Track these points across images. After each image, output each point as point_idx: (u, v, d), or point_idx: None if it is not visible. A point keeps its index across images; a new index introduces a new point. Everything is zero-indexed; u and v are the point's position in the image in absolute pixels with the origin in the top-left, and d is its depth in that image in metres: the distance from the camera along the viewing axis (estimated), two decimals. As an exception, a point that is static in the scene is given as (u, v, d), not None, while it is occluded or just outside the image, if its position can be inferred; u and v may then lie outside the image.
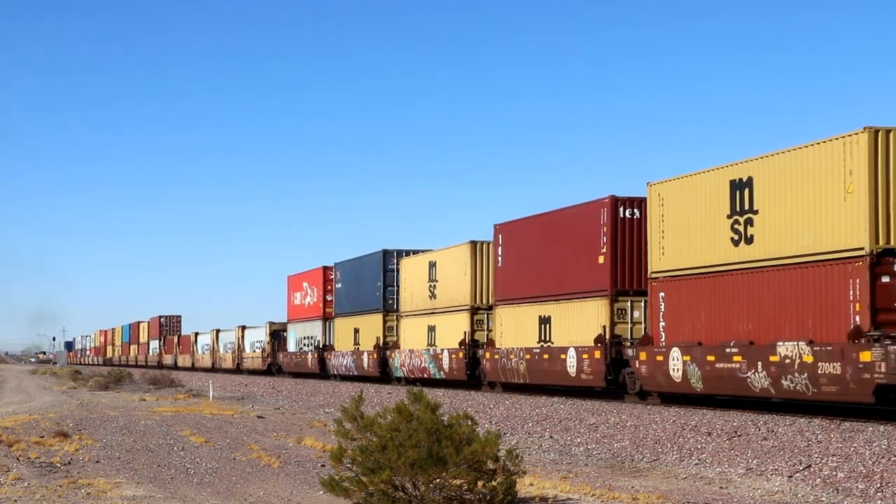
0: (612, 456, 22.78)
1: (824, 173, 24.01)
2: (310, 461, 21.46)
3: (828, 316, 23.96)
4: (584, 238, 33.22)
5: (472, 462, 13.49)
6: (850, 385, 23.04)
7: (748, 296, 26.47)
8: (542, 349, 35.54)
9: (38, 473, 19.53)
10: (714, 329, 27.65)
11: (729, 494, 17.14)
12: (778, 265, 25.51)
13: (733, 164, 27.15)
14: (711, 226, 27.68)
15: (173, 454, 22.87)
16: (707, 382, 27.50)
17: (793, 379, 24.52)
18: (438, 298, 45.31)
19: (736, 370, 26.34)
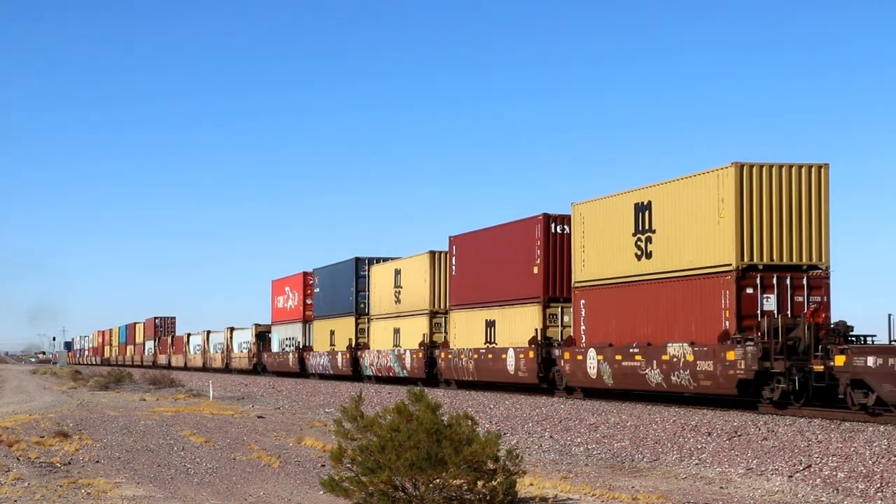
0: (613, 456, 22.79)
1: (704, 200, 28.60)
2: (310, 461, 21.49)
3: (706, 321, 28.33)
4: (522, 251, 37.47)
5: (472, 462, 13.48)
6: (720, 380, 27.38)
7: (648, 303, 30.78)
8: (487, 350, 39.99)
9: (39, 473, 19.59)
10: (622, 332, 31.90)
11: (729, 494, 17.14)
12: (670, 277, 29.91)
13: (637, 189, 31.61)
14: (620, 242, 32.04)
15: (173, 454, 22.90)
16: (616, 378, 31.83)
17: (679, 375, 28.83)
18: (403, 303, 49.86)
19: (637, 368, 30.58)
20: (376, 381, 50.77)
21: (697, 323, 28.57)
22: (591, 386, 33.45)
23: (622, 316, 31.82)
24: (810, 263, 27.59)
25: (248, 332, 79.40)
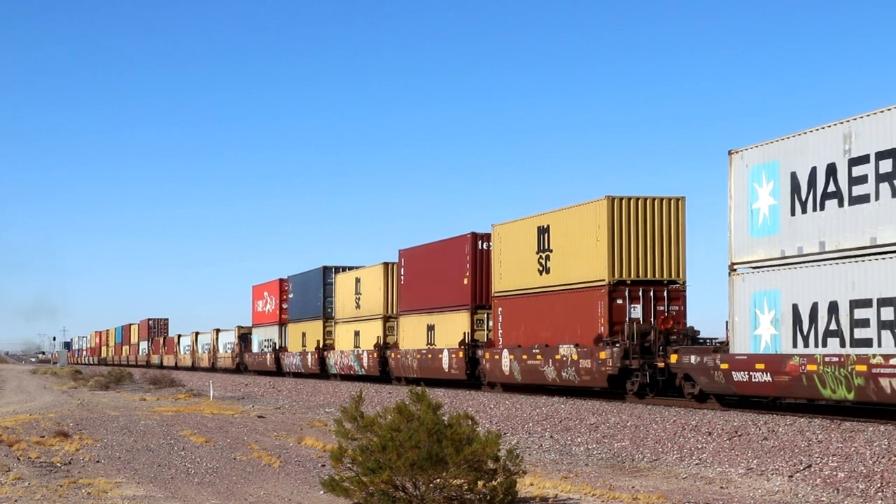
0: (613, 456, 22.59)
1: (586, 226, 33.96)
2: (310, 461, 21.42)
3: (587, 326, 33.63)
4: (455, 264, 43.08)
5: (473, 462, 13.47)
6: (595, 375, 32.81)
7: (547, 311, 36.06)
8: (428, 350, 45.63)
9: (39, 473, 19.60)
10: (529, 336, 37.16)
11: (729, 494, 17.05)
12: (562, 289, 35.21)
13: (539, 214, 37.20)
14: (527, 259, 37.41)
15: (174, 454, 22.84)
16: (523, 375, 37.14)
17: (567, 371, 33.86)
18: (362, 308, 55.51)
19: (538, 365, 35.77)
20: (340, 379, 56.57)
21: (581, 328, 34.05)
22: (506, 381, 39.29)
23: (529, 322, 37.47)
24: (670, 279, 33.17)
25: (231, 334, 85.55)
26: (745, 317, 26.81)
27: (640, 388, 31.30)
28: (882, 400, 23.22)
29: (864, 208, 23.37)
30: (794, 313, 25.35)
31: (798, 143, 25.37)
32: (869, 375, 22.77)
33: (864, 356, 23.04)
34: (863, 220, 23.40)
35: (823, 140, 24.47)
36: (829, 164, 24.16)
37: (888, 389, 22.40)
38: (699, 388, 28.92)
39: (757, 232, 26.47)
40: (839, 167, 23.83)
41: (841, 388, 23.65)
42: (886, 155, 22.47)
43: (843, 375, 23.51)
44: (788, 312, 25.56)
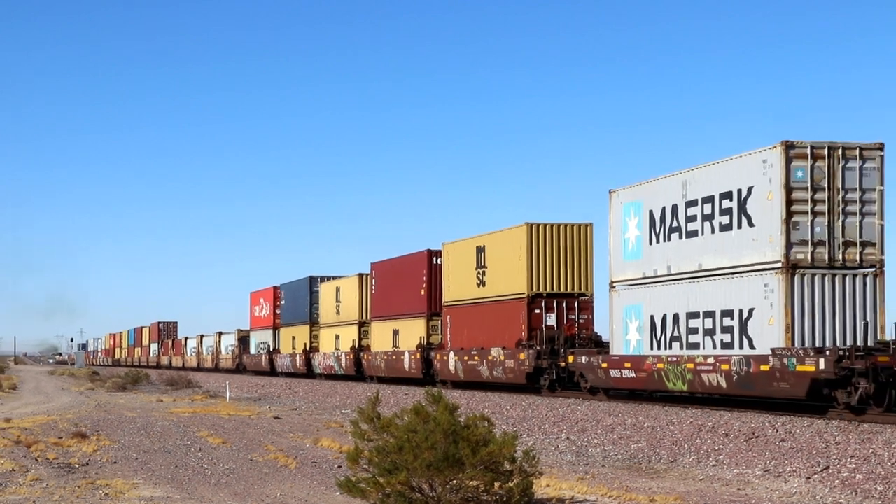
0: (630, 457, 22.56)
1: (511, 247, 40.04)
2: (326, 462, 21.58)
3: (512, 332, 39.56)
4: (414, 277, 49.12)
5: (489, 463, 13.65)
6: (517, 373, 38.93)
7: (483, 319, 42.14)
8: (393, 352, 51.98)
9: (57, 474, 19.80)
10: (470, 340, 43.54)
11: (746, 496, 17.07)
12: (494, 300, 41.47)
13: (477, 236, 43.77)
14: (468, 274, 43.86)
15: (191, 455, 22.97)
16: (465, 373, 43.80)
17: (497, 370, 40.30)
18: (341, 314, 62.03)
19: (476, 365, 42.41)
20: (324, 378, 63.35)
21: (507, 333, 40.18)
22: (453, 379, 45.70)
23: (470, 327, 44.02)
24: (580, 292, 39.22)
25: (232, 337, 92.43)
26: (619, 325, 33.42)
27: (551, 383, 37.39)
28: (704, 391, 29.79)
29: (694, 241, 29.73)
30: (651, 323, 31.74)
31: (654, 187, 31.59)
32: (695, 371, 29.31)
33: (692, 357, 29.59)
34: (694, 250, 29.69)
35: (670, 185, 30.67)
36: (673, 204, 30.40)
37: (707, 382, 28.89)
38: (590, 383, 34.98)
39: (627, 256, 32.96)
40: (679, 208, 30.17)
41: (679, 381, 30.07)
42: (707, 200, 28.93)
43: (680, 372, 29.88)
44: (647, 322, 31.99)
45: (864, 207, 26.04)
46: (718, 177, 28.52)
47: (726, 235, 28.00)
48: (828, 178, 25.75)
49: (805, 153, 25.91)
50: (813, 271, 25.89)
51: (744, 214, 27.37)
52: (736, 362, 27.41)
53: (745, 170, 27.35)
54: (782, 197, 25.73)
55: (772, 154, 26.26)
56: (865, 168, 25.79)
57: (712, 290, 28.63)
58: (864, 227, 26.04)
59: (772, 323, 26.12)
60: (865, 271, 26.22)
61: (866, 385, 23.69)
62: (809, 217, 25.86)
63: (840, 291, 25.89)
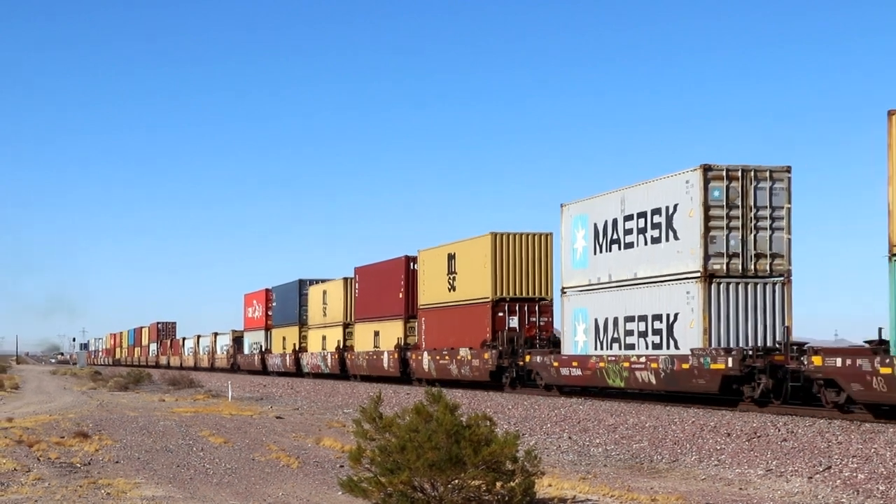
0: (631, 457, 21.48)
1: (478, 255, 41.29)
2: (329, 462, 20.46)
3: (478, 333, 40.73)
4: (393, 281, 50.10)
5: (491, 463, 13.21)
6: (482, 371, 39.95)
7: (453, 321, 43.26)
8: (374, 352, 52.74)
9: (59, 474, 18.70)
10: (442, 340, 44.38)
11: (748, 496, 16.13)
12: (463, 304, 42.58)
13: (448, 244, 44.66)
14: (440, 279, 44.88)
15: (192, 454, 21.75)
16: (436, 372, 44.25)
17: (464, 368, 41.51)
18: (328, 316, 62.31)
19: (446, 364, 43.12)
20: (313, 377, 63.21)
21: (474, 334, 40.98)
22: (426, 377, 45.47)
23: (442, 329, 44.52)
24: (540, 296, 39.96)
25: (227, 337, 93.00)
26: (569, 327, 34.21)
27: (512, 381, 38.40)
28: (638, 387, 30.75)
29: (631, 252, 30.85)
30: (595, 325, 32.54)
31: (598, 202, 32.67)
32: (630, 370, 30.31)
33: (628, 356, 30.51)
34: (630, 260, 30.86)
35: (610, 201, 31.80)
36: (613, 218, 31.56)
37: (640, 379, 30.06)
38: (544, 381, 36.01)
39: (576, 265, 33.88)
40: (618, 222, 31.33)
41: (617, 379, 31.02)
42: (641, 215, 30.09)
43: (618, 370, 30.81)
44: (592, 324, 32.75)
45: (773, 223, 27.98)
46: (650, 195, 30.06)
47: (657, 247, 29.64)
48: (741, 197, 27.69)
49: (721, 175, 27.78)
50: (728, 280, 27.75)
51: (670, 229, 29.05)
52: (663, 361, 28.91)
53: (672, 189, 28.98)
54: (701, 214, 27.64)
55: (693, 175, 27.97)
56: (775, 188, 27.85)
57: (645, 296, 30.13)
58: (773, 240, 27.95)
59: (692, 326, 27.85)
60: (775, 280, 28.01)
61: (766, 380, 25.73)
62: (725, 232, 27.83)
63: (752, 298, 27.80)
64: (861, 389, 22.73)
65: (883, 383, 21.86)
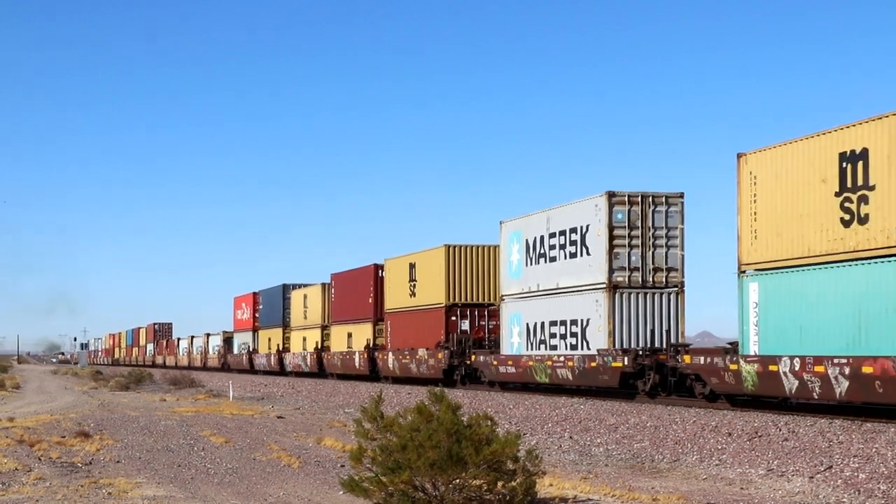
0: (632, 456, 20.41)
1: (434, 264, 42.52)
2: (330, 461, 19.30)
3: (434, 335, 41.99)
4: (363, 287, 52.07)
5: (492, 462, 12.80)
6: (437, 369, 40.88)
7: (414, 324, 44.39)
8: (347, 352, 54.18)
9: (60, 473, 17.56)
10: (405, 341, 45.30)
11: (750, 495, 15.13)
12: (422, 308, 43.57)
13: (410, 254, 45.50)
14: (403, 285, 46.23)
15: (193, 454, 20.40)
16: (400, 370, 45.31)
17: (422, 367, 42.55)
18: (308, 319, 63.68)
19: (408, 363, 44.11)
20: (295, 376, 63.93)
21: (431, 336, 42.14)
22: (391, 375, 46.60)
23: (405, 331, 45.54)
24: (489, 302, 41.09)
25: (218, 338, 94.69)
26: (507, 330, 35.24)
27: (462, 378, 39.70)
28: (559, 383, 31.71)
29: (554, 265, 32.05)
30: (527, 328, 33.48)
31: (529, 220, 33.94)
32: (552, 367, 31.40)
33: (551, 356, 31.56)
34: (554, 272, 32.12)
35: (538, 220, 33.03)
36: (541, 235, 32.78)
37: (560, 376, 31.11)
38: (487, 378, 37.46)
39: (512, 275, 35.10)
40: (545, 238, 32.62)
41: (543, 375, 31.97)
42: (562, 233, 31.51)
43: (543, 368, 31.91)
44: (524, 328, 33.74)
45: (669, 241, 30.47)
46: (568, 216, 31.86)
47: (573, 261, 31.66)
48: (641, 219, 30.10)
49: (624, 200, 29.86)
50: (629, 290, 29.90)
51: (584, 246, 31.10)
52: (577, 360, 30.49)
53: (584, 211, 30.92)
54: (607, 233, 29.73)
55: (600, 200, 29.83)
56: (670, 211, 30.37)
57: (565, 304, 31.86)
58: (668, 256, 30.32)
59: (600, 330, 29.90)
60: (669, 290, 30.15)
61: (654, 376, 27.97)
62: (627, 249, 30.19)
63: (650, 306, 30.12)
64: (717, 382, 24.69)
65: (731, 377, 23.85)
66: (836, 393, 21.05)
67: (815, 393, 21.63)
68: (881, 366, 19.91)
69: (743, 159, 24.59)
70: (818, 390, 21.57)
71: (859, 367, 20.37)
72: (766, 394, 23.53)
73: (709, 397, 25.81)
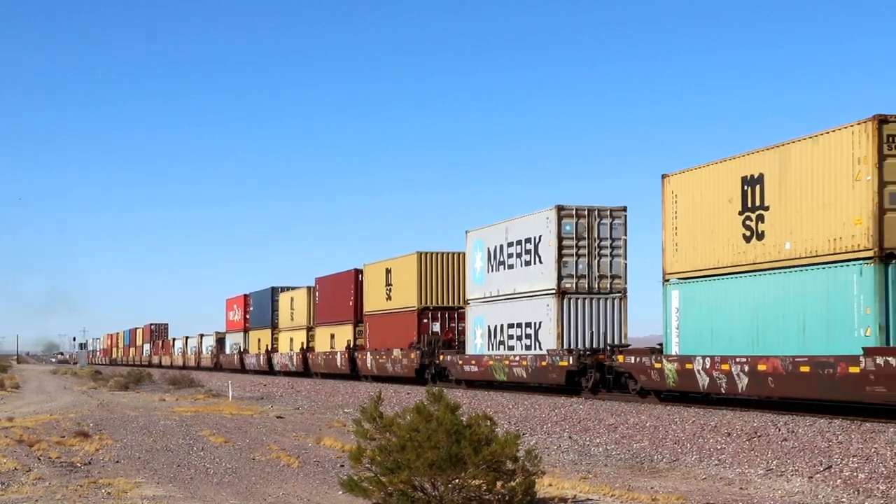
0: (632, 456, 19.79)
1: (408, 270, 42.69)
2: (329, 461, 18.71)
3: (408, 337, 42.53)
4: (345, 291, 52.78)
5: (491, 462, 12.54)
6: (410, 368, 41.13)
7: (390, 326, 44.83)
8: (330, 352, 54.60)
9: (59, 473, 16.98)
10: (381, 342, 45.86)
11: (749, 495, 14.60)
12: (397, 311, 43.80)
13: (386, 260, 45.85)
14: (380, 289, 47.12)
15: (193, 454, 19.67)
16: (377, 369, 45.53)
17: (396, 366, 42.67)
18: (295, 320, 64.07)
19: (384, 362, 44.50)
20: (284, 375, 63.65)
21: (405, 337, 42.70)
22: (369, 374, 46.81)
23: (382, 332, 46.10)
24: (458, 305, 41.24)
25: (211, 338, 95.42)
26: (471, 332, 35.52)
27: (433, 377, 39.56)
28: (515, 380, 32.01)
29: (512, 272, 32.61)
30: (489, 330, 33.71)
31: (490, 230, 34.44)
32: (510, 366, 31.89)
33: (509, 356, 32.11)
34: (512, 278, 32.59)
35: (498, 230, 33.57)
36: (500, 244, 33.35)
37: (516, 374, 31.56)
38: (453, 376, 37.48)
39: (476, 281, 35.46)
40: (504, 247, 33.15)
41: (501, 373, 32.33)
42: (519, 243, 32.11)
43: (502, 367, 32.34)
44: (486, 330, 34.08)
45: (613, 251, 31.69)
46: (524, 227, 32.59)
47: (528, 269, 32.58)
48: (588, 230, 31.30)
49: (572, 213, 30.91)
50: (577, 296, 30.93)
51: (537, 255, 31.93)
52: (530, 359, 31.07)
53: (537, 223, 31.65)
54: (556, 244, 30.75)
55: (550, 213, 30.52)
56: (614, 224, 31.65)
57: (521, 308, 32.58)
58: (613, 265, 31.50)
59: (550, 332, 30.65)
60: (614, 296, 31.21)
61: (595, 374, 29.16)
62: (575, 258, 31.27)
63: (596, 310, 31.30)
64: (645, 379, 25.50)
65: (657, 375, 24.76)
66: (738, 388, 22.27)
67: (722, 388, 22.76)
68: (772, 364, 21.28)
69: (666, 180, 25.64)
70: (725, 386, 22.66)
71: (755, 365, 21.65)
72: (684, 389, 24.67)
73: (640, 393, 26.46)
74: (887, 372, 18.46)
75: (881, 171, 19.68)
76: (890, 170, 19.78)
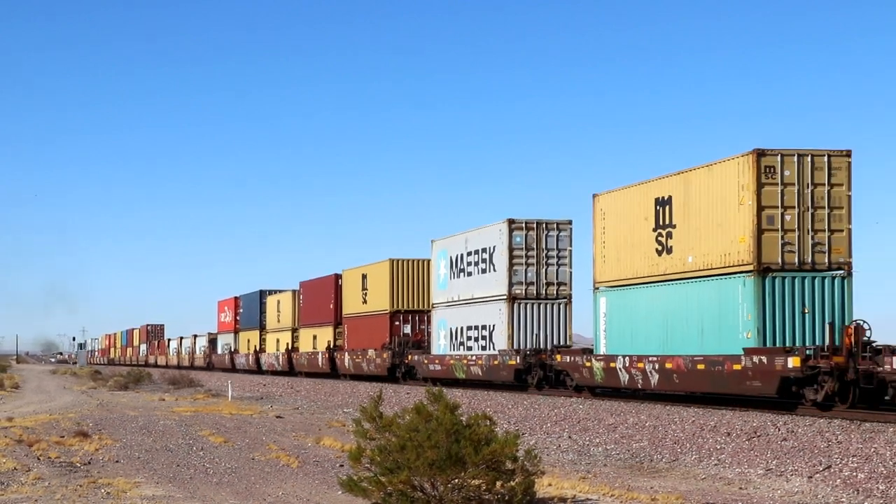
0: (631, 456, 19.20)
1: (381, 276, 43.24)
2: (328, 461, 17.98)
3: (381, 338, 42.50)
4: (326, 294, 53.13)
5: (491, 462, 12.25)
6: (383, 367, 41.59)
7: (365, 327, 45.50)
8: (312, 353, 54.67)
9: (59, 473, 16.26)
10: (358, 342, 46.13)
11: (748, 495, 14.02)
12: (372, 314, 44.44)
13: (362, 266, 45.95)
14: (357, 294, 47.76)
15: (192, 454, 18.87)
16: (353, 368, 45.40)
17: (370, 365, 42.61)
18: (280, 322, 63.75)
19: (360, 362, 44.30)
20: (271, 374, 62.51)
21: (379, 338, 42.59)
22: (347, 373, 46.33)
23: (359, 333, 46.20)
24: (427, 309, 40.85)
25: (204, 339, 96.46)
26: (435, 334, 35.32)
27: (403, 375, 39.84)
28: (473, 378, 32.32)
29: (471, 279, 32.86)
30: (451, 332, 33.72)
31: (452, 240, 34.51)
32: (468, 365, 31.96)
33: (467, 356, 32.26)
34: (471, 285, 32.80)
35: (459, 241, 33.77)
36: (461, 253, 33.31)
37: (474, 372, 31.93)
38: (420, 375, 37.27)
39: (440, 286, 35.37)
40: (464, 256, 33.29)
41: (461, 372, 32.20)
42: (476, 252, 32.67)
43: (461, 366, 32.40)
44: (448, 332, 34.03)
45: (559, 261, 32.69)
46: (480, 238, 33.42)
47: (484, 276, 33.30)
48: (536, 241, 32.41)
49: (522, 226, 31.75)
50: (526, 301, 31.71)
51: (492, 263, 32.79)
52: (485, 359, 31.48)
53: (492, 235, 32.39)
54: (507, 254, 31.58)
55: (503, 226, 31.25)
56: (561, 235, 32.75)
57: (478, 311, 33.45)
58: (559, 273, 32.67)
59: (503, 334, 31.42)
60: (560, 301, 32.00)
61: (539, 372, 29.76)
62: (524, 267, 32.23)
63: (544, 314, 32.49)
64: (579, 377, 26.07)
65: (587, 372, 25.44)
66: (651, 384, 22.89)
67: (639, 384, 23.40)
68: (677, 363, 22.20)
69: (596, 199, 26.38)
70: (640, 382, 23.26)
71: (664, 363, 22.46)
72: (610, 385, 25.48)
73: (576, 389, 26.88)
74: (761, 369, 20.51)
75: (759, 196, 22.09)
76: (767, 196, 22.30)
